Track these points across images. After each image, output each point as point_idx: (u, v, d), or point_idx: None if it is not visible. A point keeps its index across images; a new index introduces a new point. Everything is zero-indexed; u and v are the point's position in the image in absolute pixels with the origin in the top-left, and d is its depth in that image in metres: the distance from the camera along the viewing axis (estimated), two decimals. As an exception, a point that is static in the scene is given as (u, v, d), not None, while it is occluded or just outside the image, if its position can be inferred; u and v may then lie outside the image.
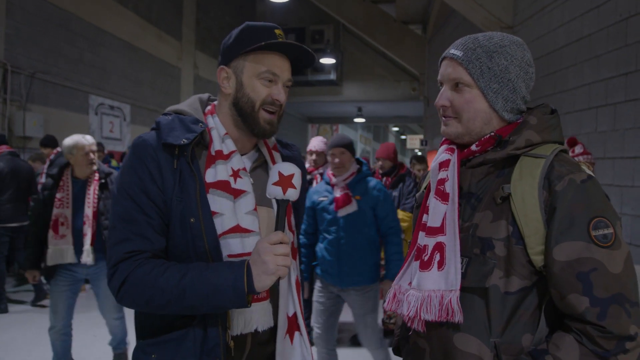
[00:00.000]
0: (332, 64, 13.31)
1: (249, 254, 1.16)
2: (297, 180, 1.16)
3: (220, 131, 1.25)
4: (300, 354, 1.28)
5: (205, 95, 1.37)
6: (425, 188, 1.29)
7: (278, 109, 1.24)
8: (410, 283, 1.15)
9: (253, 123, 1.23)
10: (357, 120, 17.58)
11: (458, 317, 1.02)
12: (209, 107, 1.31)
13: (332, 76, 13.55)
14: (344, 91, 14.38)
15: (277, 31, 1.23)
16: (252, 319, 1.20)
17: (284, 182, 1.14)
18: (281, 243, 1.10)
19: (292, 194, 1.14)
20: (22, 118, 5.96)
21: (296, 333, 1.28)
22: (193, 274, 1.10)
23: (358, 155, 3.95)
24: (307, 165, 3.93)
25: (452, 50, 1.13)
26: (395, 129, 29.45)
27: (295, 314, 1.29)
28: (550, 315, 1.05)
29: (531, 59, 1.14)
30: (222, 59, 1.27)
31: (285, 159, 1.36)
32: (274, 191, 1.14)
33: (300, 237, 2.84)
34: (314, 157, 3.91)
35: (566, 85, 4.47)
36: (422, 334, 1.11)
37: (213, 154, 1.22)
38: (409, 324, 1.11)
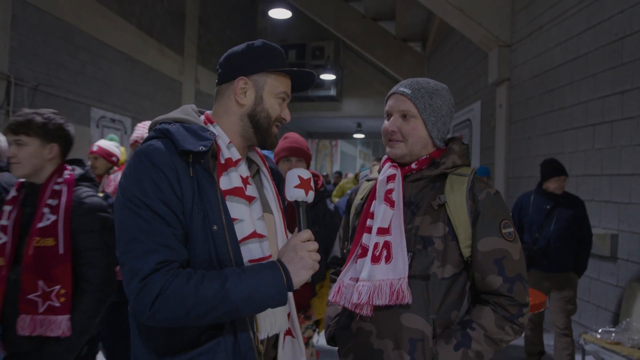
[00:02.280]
0: (332, 80, 13.41)
1: (267, 257, 1.21)
2: (312, 183, 1.26)
3: (224, 140, 1.26)
4: (292, 351, 1.33)
5: (193, 105, 1.37)
6: (362, 199, 1.58)
7: (281, 125, 1.35)
8: (352, 278, 1.41)
9: (266, 136, 1.31)
10: (356, 136, 17.65)
11: (407, 299, 1.28)
12: (202, 117, 1.32)
13: (332, 92, 13.64)
14: (344, 107, 14.46)
15: (284, 55, 1.35)
16: (276, 320, 1.25)
17: (305, 184, 1.24)
18: (309, 240, 1.19)
19: (312, 196, 1.25)
20: (23, 129, 5.98)
21: (287, 337, 1.33)
22: (232, 279, 1.09)
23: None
24: None
25: (402, 89, 1.45)
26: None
27: (290, 313, 1.34)
28: (470, 296, 1.38)
29: (453, 102, 1.50)
30: (238, 69, 1.28)
31: (270, 162, 1.46)
32: (296, 194, 1.23)
33: None
34: None
35: (563, 103, 4.51)
36: (368, 318, 1.35)
37: (223, 162, 1.22)
38: (357, 311, 1.34)
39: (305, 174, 1.25)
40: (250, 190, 1.25)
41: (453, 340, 1.30)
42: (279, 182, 1.44)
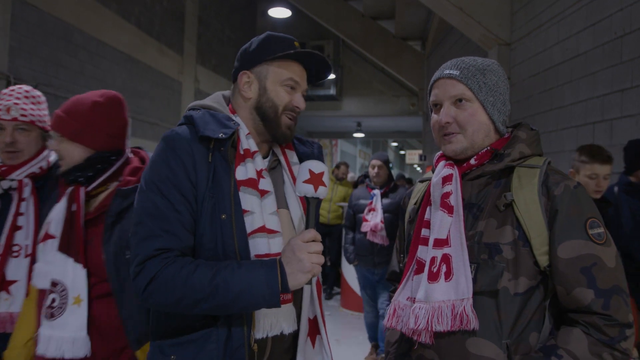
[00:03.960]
0: (332, 79, 13.40)
1: (275, 254, 1.16)
2: (326, 178, 1.16)
3: (244, 130, 1.26)
4: (321, 358, 1.28)
5: (227, 93, 1.38)
6: (416, 203, 1.36)
7: (297, 115, 1.29)
8: (409, 298, 1.20)
9: (275, 127, 1.26)
10: (356, 135, 17.64)
11: (473, 324, 1.06)
12: (228, 106, 1.33)
13: (332, 91, 13.63)
14: (344, 106, 14.46)
15: (296, 43, 1.29)
16: (278, 321, 1.19)
17: (315, 179, 1.14)
18: (314, 241, 1.11)
19: (323, 192, 1.15)
20: (22, 129, 5.98)
21: (317, 336, 1.28)
22: (225, 273, 1.08)
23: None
24: None
25: (447, 71, 1.21)
26: (394, 144, 29.59)
27: (316, 317, 1.29)
28: (552, 314, 1.13)
29: (507, 77, 1.27)
30: (242, 64, 1.29)
31: (301, 156, 1.37)
32: (304, 189, 1.14)
33: None
34: None
35: (563, 101, 4.51)
36: (430, 345, 1.14)
37: (242, 152, 1.21)
38: (415, 337, 1.15)
39: (318, 168, 1.15)
40: (264, 184, 1.22)
41: None
42: None
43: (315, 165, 1.15)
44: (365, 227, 4.15)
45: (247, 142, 1.24)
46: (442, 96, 1.22)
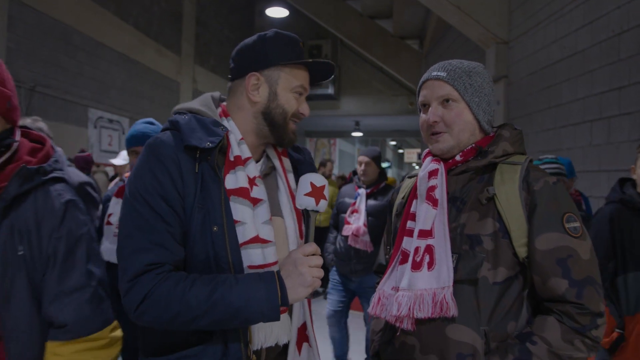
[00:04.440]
0: (330, 79, 13.40)
1: (269, 264, 1.13)
2: (327, 191, 1.14)
3: (236, 136, 1.20)
4: None
5: (216, 94, 1.31)
6: (404, 197, 1.42)
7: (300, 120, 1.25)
8: (393, 287, 1.25)
9: (283, 133, 1.22)
10: (354, 134, 17.64)
11: (453, 312, 1.12)
12: (219, 109, 1.26)
13: (330, 90, 13.63)
14: (342, 105, 14.46)
15: (301, 44, 1.26)
16: (273, 332, 1.16)
17: (317, 193, 1.13)
18: (314, 255, 1.09)
19: (323, 205, 1.14)
20: (21, 131, 5.98)
21: (304, 344, 1.25)
22: (223, 289, 1.03)
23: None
24: None
25: (435, 73, 1.28)
26: (393, 143, 29.59)
27: (304, 324, 1.26)
28: (531, 304, 1.19)
29: (491, 79, 1.32)
30: (250, 63, 1.21)
31: (295, 162, 1.35)
32: (305, 202, 1.12)
33: None
34: None
35: (560, 99, 4.52)
36: (411, 332, 1.19)
37: (232, 159, 1.16)
38: (397, 324, 1.21)
39: (319, 181, 1.14)
40: (257, 192, 1.18)
41: (509, 356, 1.10)
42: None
43: (317, 179, 1.14)
44: (346, 230, 3.66)
45: (239, 149, 1.18)
46: (430, 96, 1.28)
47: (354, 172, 4.05)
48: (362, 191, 3.75)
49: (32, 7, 6.12)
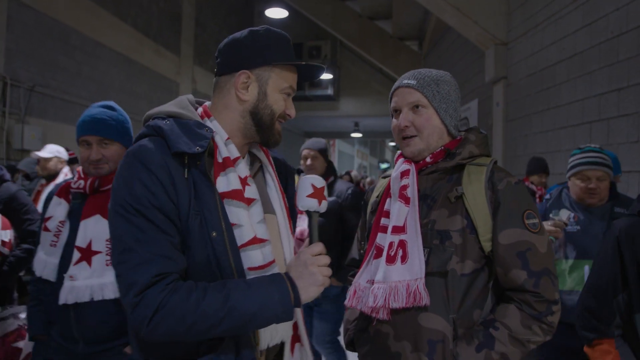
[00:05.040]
0: (329, 79, 13.41)
1: (269, 263, 1.13)
2: (326, 192, 1.18)
3: (222, 136, 1.16)
4: None
5: (190, 96, 1.26)
6: (378, 196, 1.52)
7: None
8: (368, 280, 1.34)
9: (270, 134, 1.20)
10: (354, 135, 17.67)
11: (425, 301, 1.21)
12: (200, 110, 1.22)
13: (330, 91, 13.64)
14: (341, 106, 14.47)
15: (291, 43, 1.23)
16: (278, 331, 1.16)
17: (318, 194, 1.16)
18: (321, 254, 1.11)
19: (324, 206, 1.17)
20: (20, 131, 5.97)
21: (296, 345, 1.25)
22: (236, 295, 1.02)
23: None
24: None
25: (406, 81, 1.38)
26: (392, 143, 29.63)
27: (296, 323, 1.26)
28: (495, 293, 1.29)
29: (458, 87, 1.42)
30: (240, 60, 1.18)
31: (274, 160, 1.35)
32: (308, 203, 1.15)
33: None
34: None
35: (560, 100, 4.52)
36: (386, 320, 1.28)
37: (220, 161, 1.13)
38: (373, 314, 1.29)
39: (319, 182, 1.16)
40: (249, 192, 1.16)
41: (475, 341, 1.21)
42: (288, 176, 1.38)
43: (317, 180, 1.17)
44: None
45: (227, 149, 1.15)
46: (401, 103, 1.38)
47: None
48: None
49: (31, 7, 6.12)
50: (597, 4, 3.98)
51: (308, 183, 1.16)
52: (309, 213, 1.17)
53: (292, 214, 1.36)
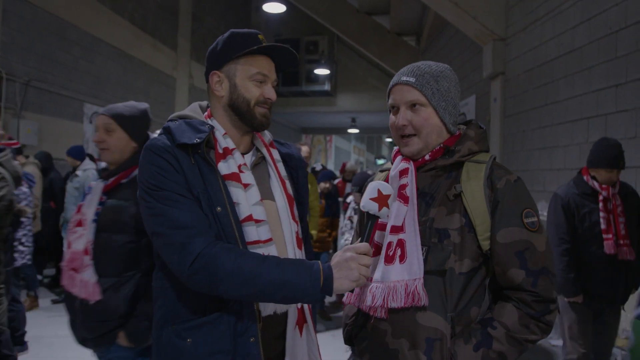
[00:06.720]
0: (327, 75, 13.37)
1: (265, 241, 1.27)
2: (391, 200, 1.25)
3: (220, 131, 1.34)
4: (306, 347, 1.37)
5: (204, 103, 1.46)
6: None
7: (270, 105, 1.37)
8: (368, 279, 1.31)
9: (251, 119, 1.34)
10: (351, 131, 17.64)
11: (424, 301, 1.21)
12: (206, 112, 1.42)
13: (327, 87, 13.61)
14: (338, 102, 14.44)
15: (260, 36, 1.35)
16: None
17: (381, 200, 1.22)
18: (365, 254, 1.18)
19: (384, 213, 1.23)
20: (16, 126, 5.95)
21: (305, 325, 1.36)
22: (271, 261, 1.17)
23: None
24: None
25: (404, 78, 1.34)
26: (389, 139, 29.62)
27: (303, 306, 1.37)
28: (491, 291, 1.29)
29: (457, 80, 1.40)
30: (211, 64, 1.37)
31: (284, 156, 1.48)
32: (369, 205, 1.22)
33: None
34: None
35: (558, 96, 4.52)
36: (384, 318, 1.28)
37: (221, 151, 1.31)
38: (371, 313, 1.29)
39: (386, 190, 1.23)
40: (245, 178, 1.31)
41: (473, 339, 1.21)
42: (299, 168, 1.51)
43: (384, 187, 1.23)
44: None
45: (225, 142, 1.32)
46: (399, 100, 1.35)
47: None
48: None
49: (27, 0, 6.08)
50: (595, 0, 3.97)
51: (375, 188, 1.23)
52: (368, 214, 1.24)
53: (298, 201, 1.47)
